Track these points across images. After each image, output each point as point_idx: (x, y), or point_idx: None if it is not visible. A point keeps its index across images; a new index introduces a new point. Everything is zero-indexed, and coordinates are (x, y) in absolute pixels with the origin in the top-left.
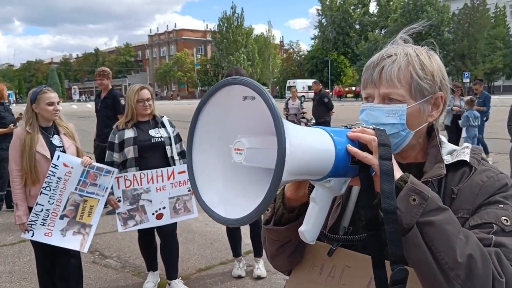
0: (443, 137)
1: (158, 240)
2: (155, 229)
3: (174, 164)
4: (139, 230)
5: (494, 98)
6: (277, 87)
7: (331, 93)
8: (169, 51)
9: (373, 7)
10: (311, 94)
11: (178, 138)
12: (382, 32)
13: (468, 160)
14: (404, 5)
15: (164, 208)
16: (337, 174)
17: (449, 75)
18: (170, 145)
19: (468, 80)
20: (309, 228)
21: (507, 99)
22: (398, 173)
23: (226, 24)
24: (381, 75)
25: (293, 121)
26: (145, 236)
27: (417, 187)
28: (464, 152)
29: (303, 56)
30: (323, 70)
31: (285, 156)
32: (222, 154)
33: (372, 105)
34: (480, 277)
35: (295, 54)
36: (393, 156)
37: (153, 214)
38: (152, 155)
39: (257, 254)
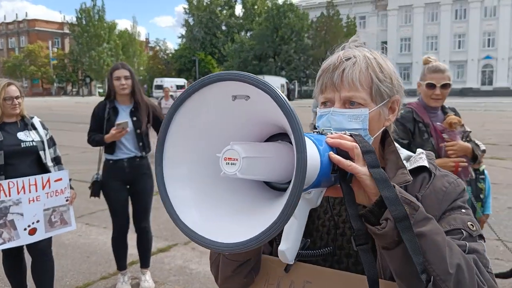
0: (395, 143)
1: (27, 258)
2: (23, 246)
3: (49, 172)
4: (3, 250)
5: None
6: (145, 85)
7: None
8: (19, 43)
9: (239, 10)
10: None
11: (52, 142)
12: (248, 34)
13: (427, 166)
14: (268, 10)
15: (38, 221)
16: (318, 184)
17: (309, 79)
18: (44, 150)
19: None
20: (289, 246)
21: None
22: None
23: (85, 17)
24: (343, 78)
25: None
26: (11, 257)
27: (406, 197)
28: (421, 158)
29: (170, 55)
30: (191, 69)
31: (307, 164)
32: (205, 165)
33: (335, 109)
34: (468, 286)
35: (162, 52)
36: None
37: (25, 229)
38: (21, 162)
39: (144, 265)
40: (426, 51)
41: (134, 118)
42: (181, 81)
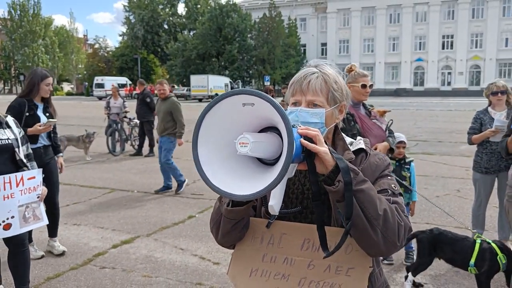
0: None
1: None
2: None
3: (24, 167)
4: None
5: None
6: (85, 83)
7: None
8: None
9: (181, 8)
10: (122, 92)
11: (25, 139)
12: (191, 33)
13: (364, 148)
14: (211, 10)
15: (13, 217)
16: (293, 160)
17: (252, 78)
18: (18, 147)
19: (268, 83)
20: (276, 202)
21: None
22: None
23: (19, 12)
24: (308, 86)
25: (115, 120)
26: None
27: (351, 167)
28: (360, 142)
29: (111, 53)
30: (133, 68)
31: (294, 146)
32: (222, 148)
33: (302, 108)
34: (391, 223)
35: (102, 50)
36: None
37: None
38: None
39: (53, 234)
40: (363, 53)
41: (47, 114)
42: (123, 80)
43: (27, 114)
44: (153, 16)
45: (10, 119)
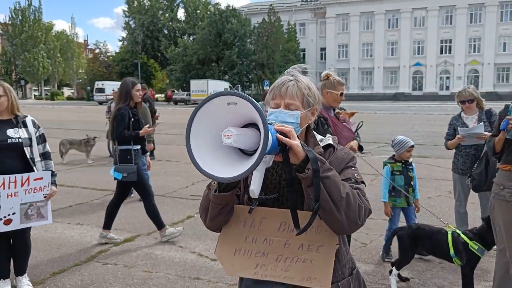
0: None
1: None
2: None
3: (34, 165)
4: None
5: None
6: (88, 88)
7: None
8: None
9: (181, 13)
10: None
11: (42, 139)
12: (191, 38)
13: (332, 143)
14: (210, 15)
15: (14, 213)
16: (270, 152)
17: (252, 83)
18: (31, 146)
19: (268, 87)
20: (255, 187)
21: None
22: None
23: (20, 17)
24: (286, 91)
25: None
26: None
27: (319, 157)
28: (329, 139)
29: (111, 58)
30: (133, 73)
31: (268, 138)
32: (210, 140)
33: (281, 110)
34: (353, 205)
35: (102, 55)
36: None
37: (0, 219)
38: (7, 156)
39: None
40: (362, 58)
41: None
42: None
43: (132, 119)
44: (153, 21)
45: (28, 119)
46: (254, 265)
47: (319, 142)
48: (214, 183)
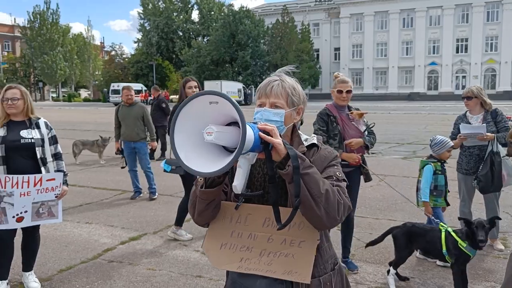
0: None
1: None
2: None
3: (45, 164)
4: None
5: None
6: (104, 90)
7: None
8: None
9: (195, 15)
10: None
11: (53, 140)
12: (205, 40)
13: (316, 143)
14: (224, 16)
15: (26, 212)
16: (253, 150)
17: None
18: (42, 146)
19: None
20: (238, 183)
21: (313, 106)
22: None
23: (38, 20)
24: (271, 91)
25: None
26: (1, 241)
27: (299, 155)
28: (313, 138)
29: (127, 59)
30: (148, 74)
31: (246, 136)
32: (193, 136)
33: (266, 109)
34: (332, 201)
35: (118, 57)
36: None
37: (13, 217)
38: (19, 156)
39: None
40: (376, 57)
41: None
42: (139, 86)
43: None
44: (167, 23)
45: (41, 121)
46: (239, 259)
47: (304, 142)
48: (201, 179)
